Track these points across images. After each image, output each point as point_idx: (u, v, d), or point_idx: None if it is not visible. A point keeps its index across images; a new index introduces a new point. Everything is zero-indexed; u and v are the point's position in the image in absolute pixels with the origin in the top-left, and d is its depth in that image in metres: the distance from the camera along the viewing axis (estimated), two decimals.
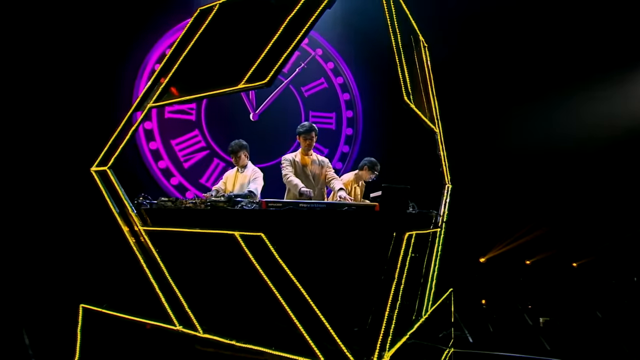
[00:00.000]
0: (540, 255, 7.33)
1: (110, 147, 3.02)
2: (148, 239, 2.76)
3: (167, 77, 2.82)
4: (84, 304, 3.00)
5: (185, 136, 6.75)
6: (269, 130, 7.25)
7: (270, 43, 2.26)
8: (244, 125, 7.12)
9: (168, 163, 6.55)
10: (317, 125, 7.33)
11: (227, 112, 7.08)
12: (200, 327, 2.47)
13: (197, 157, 6.79)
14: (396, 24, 2.50)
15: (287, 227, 2.50)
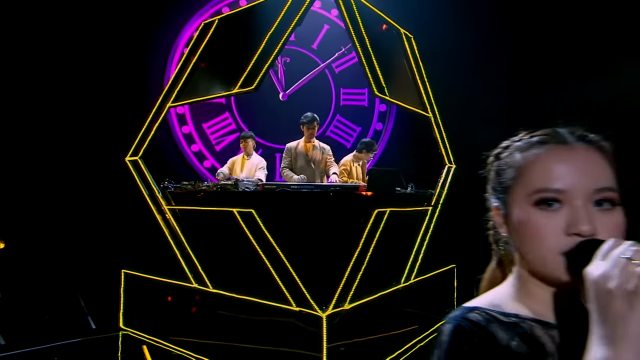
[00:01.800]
0: None
1: (140, 139, 4.13)
2: (171, 216, 3.85)
3: (181, 81, 3.83)
4: (125, 270, 4.23)
5: (216, 119, 7.86)
6: (299, 110, 8.08)
7: (255, 54, 3.15)
8: (273, 106, 7.92)
9: (201, 146, 7.72)
10: (348, 103, 8.23)
11: (256, 94, 8.01)
12: (210, 284, 3.54)
13: (228, 139, 7.86)
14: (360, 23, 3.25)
15: (280, 206, 3.44)
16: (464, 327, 0.67)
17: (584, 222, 0.62)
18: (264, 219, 3.25)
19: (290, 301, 3.01)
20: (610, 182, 0.65)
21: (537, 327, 0.68)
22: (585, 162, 0.65)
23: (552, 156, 0.66)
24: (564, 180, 0.64)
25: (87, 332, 4.29)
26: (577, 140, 0.68)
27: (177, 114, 7.54)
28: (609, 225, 0.63)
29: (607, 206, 0.64)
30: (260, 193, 3.52)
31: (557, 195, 0.64)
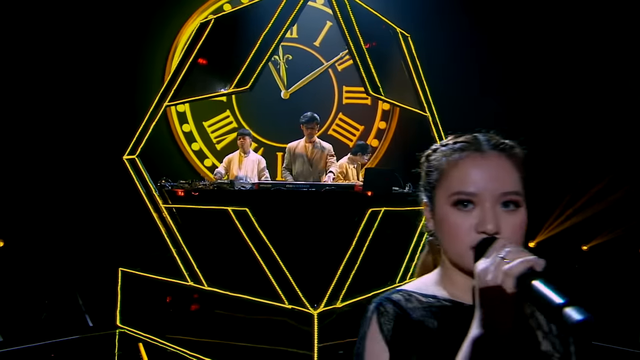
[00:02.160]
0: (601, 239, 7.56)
1: (137, 138, 4.26)
2: (167, 214, 3.97)
3: (178, 80, 3.95)
4: (122, 268, 4.36)
5: (217, 117, 7.98)
6: (301, 109, 8.15)
7: (250, 54, 3.25)
8: (275, 104, 7.96)
9: (201, 145, 7.86)
10: (351, 100, 8.31)
11: (257, 92, 8.07)
12: (205, 282, 3.65)
13: (229, 138, 7.98)
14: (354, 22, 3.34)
15: (275, 205, 3.54)
16: (384, 305, 0.79)
17: (489, 222, 0.73)
18: (259, 217, 3.36)
19: (282, 299, 3.11)
20: (516, 186, 0.76)
21: (451, 307, 0.79)
22: (496, 168, 0.76)
23: (469, 163, 0.78)
24: (476, 185, 0.75)
25: (85, 329, 4.43)
26: (491, 149, 0.79)
27: (178, 112, 7.67)
28: (512, 223, 0.74)
29: (512, 207, 0.76)
30: (255, 192, 3.63)
31: (470, 198, 0.76)
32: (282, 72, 8.30)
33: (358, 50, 3.31)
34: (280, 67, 8.27)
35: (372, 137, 8.54)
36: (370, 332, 0.77)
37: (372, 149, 8.41)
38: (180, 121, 7.81)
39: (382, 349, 0.75)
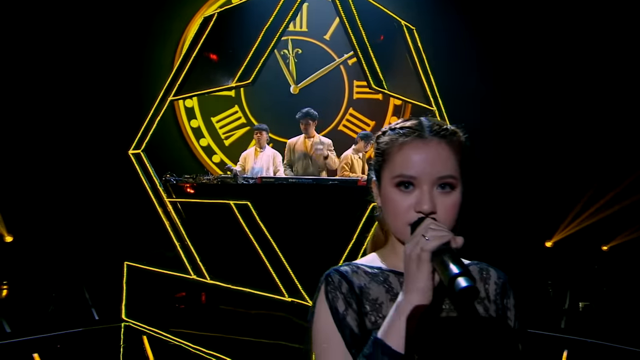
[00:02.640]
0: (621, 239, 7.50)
1: (143, 132, 4.44)
2: (172, 208, 4.14)
3: (182, 74, 4.11)
4: (127, 262, 4.55)
5: (226, 113, 8.13)
6: (310, 104, 8.22)
7: (252, 48, 3.39)
8: (284, 99, 8.01)
9: (209, 141, 8.02)
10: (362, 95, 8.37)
11: (266, 86, 8.08)
12: (208, 276, 3.81)
13: (237, 133, 8.11)
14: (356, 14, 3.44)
15: (277, 199, 3.68)
16: (332, 276, 0.91)
17: (425, 203, 0.84)
18: (262, 211, 3.50)
19: (283, 292, 3.24)
20: (453, 171, 0.87)
21: (393, 276, 0.92)
22: (436, 154, 0.87)
23: (411, 148, 0.88)
24: (416, 169, 0.86)
25: (90, 322, 4.64)
26: (432, 135, 0.89)
27: (186, 107, 7.84)
28: (446, 204, 0.86)
29: (448, 189, 0.87)
30: (258, 186, 3.77)
31: (411, 180, 0.87)
32: (291, 67, 8.36)
33: (360, 43, 3.42)
34: (290, 61, 8.34)
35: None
36: (318, 299, 0.90)
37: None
38: (188, 116, 7.97)
39: (328, 314, 0.87)
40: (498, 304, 0.93)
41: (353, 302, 0.87)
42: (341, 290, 0.89)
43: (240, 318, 3.53)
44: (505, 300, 0.94)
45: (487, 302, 0.93)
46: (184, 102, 7.72)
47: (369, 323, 0.87)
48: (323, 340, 0.87)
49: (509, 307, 0.94)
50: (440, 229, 0.78)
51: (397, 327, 0.77)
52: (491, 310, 0.92)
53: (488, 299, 0.93)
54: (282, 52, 8.24)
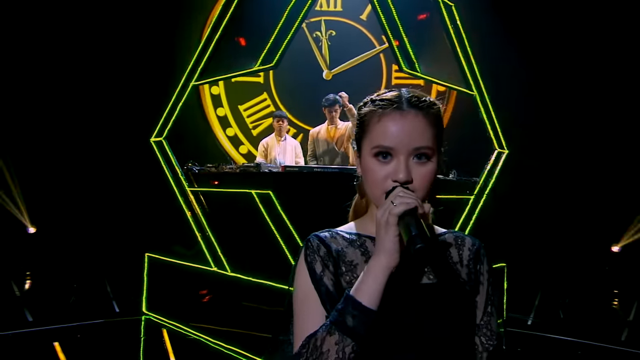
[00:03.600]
0: None
1: (165, 119, 4.69)
2: (193, 198, 4.38)
3: (204, 58, 4.33)
4: (148, 253, 4.83)
5: (254, 100, 8.31)
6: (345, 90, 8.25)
7: (275, 31, 3.55)
8: (316, 85, 7.94)
9: (236, 130, 8.22)
10: (402, 80, 8.32)
11: (297, 72, 8.03)
12: (228, 268, 4.02)
13: (266, 123, 8.27)
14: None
15: (300, 188, 3.83)
16: (311, 240, 1.05)
17: (401, 172, 0.96)
18: (284, 201, 3.66)
19: None
20: (429, 142, 0.99)
21: (369, 242, 1.05)
22: (412, 126, 0.98)
23: (389, 120, 0.99)
24: (393, 140, 0.98)
25: (111, 314, 4.99)
26: (410, 107, 1.00)
27: (212, 94, 8.05)
28: (422, 173, 0.98)
29: (424, 159, 0.98)
30: (281, 175, 3.93)
31: (388, 151, 0.98)
32: (324, 50, 8.32)
33: (390, 21, 3.51)
34: (323, 44, 8.31)
35: None
36: (299, 262, 1.04)
37: None
38: (215, 104, 8.16)
39: (306, 275, 1.01)
40: (470, 268, 1.06)
41: (330, 265, 1.01)
42: (319, 253, 1.03)
43: (261, 312, 3.71)
44: (478, 265, 1.07)
45: (459, 266, 1.06)
46: (210, 89, 7.92)
47: (344, 282, 1.01)
48: (301, 298, 1.01)
49: (482, 272, 1.07)
50: (408, 196, 0.91)
51: (367, 285, 0.90)
52: (463, 274, 1.06)
53: (461, 263, 1.06)
54: (315, 34, 8.24)
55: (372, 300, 0.89)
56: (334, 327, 0.88)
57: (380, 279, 0.89)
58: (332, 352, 0.87)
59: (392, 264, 0.89)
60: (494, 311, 1.07)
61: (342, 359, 0.87)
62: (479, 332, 1.05)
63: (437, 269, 1.03)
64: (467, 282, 1.04)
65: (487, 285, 1.07)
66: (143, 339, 4.39)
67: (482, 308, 1.06)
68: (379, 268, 0.90)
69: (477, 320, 1.05)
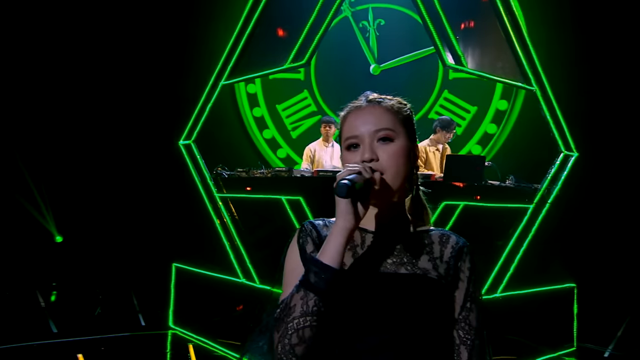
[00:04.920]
0: None
1: (193, 122, 5.02)
2: (222, 204, 4.68)
3: (234, 56, 4.63)
4: (176, 263, 5.17)
5: (293, 99, 8.38)
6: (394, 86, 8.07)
7: (306, 26, 3.79)
8: (362, 81, 7.95)
9: (274, 132, 8.42)
10: (461, 74, 8.06)
11: (341, 66, 8.15)
12: (257, 279, 4.28)
13: (306, 124, 8.43)
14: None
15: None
16: (305, 225, 1.33)
17: (366, 152, 1.23)
18: (315, 207, 3.88)
19: None
20: (387, 124, 1.25)
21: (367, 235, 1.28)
22: (370, 115, 1.27)
23: (352, 116, 1.29)
24: (357, 129, 1.26)
25: (137, 328, 5.36)
26: (367, 103, 1.30)
27: (248, 94, 8.28)
28: (387, 152, 1.23)
29: (387, 141, 1.25)
30: (313, 179, 4.16)
31: (355, 141, 1.26)
32: (372, 42, 8.34)
33: (428, 7, 3.65)
34: (370, 35, 8.29)
35: (489, 121, 8.24)
36: (291, 242, 1.31)
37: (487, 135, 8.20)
38: (251, 104, 8.36)
39: (297, 254, 1.27)
40: (450, 265, 1.26)
41: (316, 247, 1.26)
42: (312, 236, 1.30)
43: None
44: (459, 263, 1.27)
45: (438, 261, 1.26)
46: (246, 88, 8.17)
47: None
48: (289, 273, 1.27)
49: (463, 269, 1.27)
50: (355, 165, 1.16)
51: (327, 246, 1.14)
52: (441, 268, 1.25)
53: (441, 259, 1.27)
54: (361, 23, 8.22)
55: (331, 258, 1.12)
56: (300, 285, 1.12)
57: (338, 240, 1.13)
58: (298, 306, 1.09)
59: (347, 225, 1.13)
60: (474, 308, 1.25)
61: (306, 311, 1.09)
62: (457, 325, 1.24)
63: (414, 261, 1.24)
64: (443, 277, 1.24)
65: (467, 282, 1.26)
66: (169, 355, 4.71)
67: (461, 303, 1.24)
68: (337, 230, 1.13)
69: (456, 315, 1.24)
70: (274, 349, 1.14)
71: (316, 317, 1.09)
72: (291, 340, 1.09)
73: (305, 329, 1.09)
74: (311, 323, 1.09)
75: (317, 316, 1.09)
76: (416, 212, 1.36)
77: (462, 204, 3.96)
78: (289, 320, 1.10)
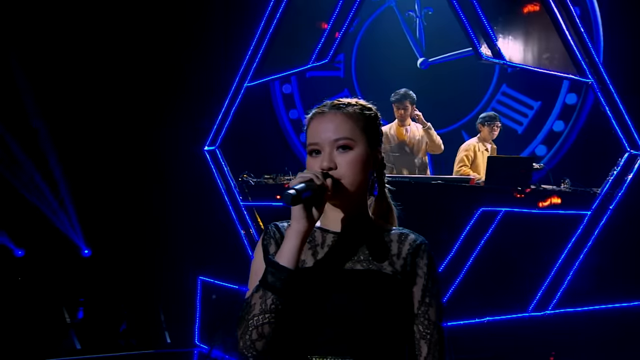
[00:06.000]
0: None
1: (218, 126, 5.25)
2: (247, 213, 4.87)
3: (258, 54, 4.83)
4: (201, 277, 5.40)
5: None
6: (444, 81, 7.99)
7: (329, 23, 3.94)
8: (408, 76, 7.77)
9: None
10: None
11: (385, 61, 8.16)
12: None
13: None
14: None
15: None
16: (270, 227, 1.50)
17: (324, 161, 1.39)
18: None
19: None
20: (346, 133, 1.42)
21: (318, 232, 1.46)
22: (331, 123, 1.43)
23: (314, 122, 1.46)
24: (318, 137, 1.42)
25: (162, 345, 5.62)
26: (329, 109, 1.45)
27: (283, 94, 8.46)
28: (346, 160, 1.40)
29: (347, 149, 1.41)
30: None
31: (316, 147, 1.42)
32: (419, 33, 8.16)
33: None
34: (417, 25, 8.20)
35: (555, 118, 8.08)
36: (257, 245, 1.48)
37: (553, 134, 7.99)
38: (287, 105, 8.54)
39: (261, 255, 1.43)
40: (407, 261, 1.42)
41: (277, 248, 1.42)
42: (275, 237, 1.46)
43: None
44: (417, 259, 1.43)
45: (395, 258, 1.43)
46: (281, 88, 8.37)
47: None
48: (254, 274, 1.42)
49: (420, 265, 1.43)
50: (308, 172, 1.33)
51: (284, 248, 1.32)
52: (397, 265, 1.42)
53: (398, 256, 1.43)
54: (407, 13, 8.17)
55: (287, 259, 1.29)
56: (259, 285, 1.30)
57: (293, 242, 1.31)
58: (257, 305, 1.28)
59: (300, 228, 1.31)
60: (433, 303, 1.42)
61: (264, 309, 1.27)
62: (417, 320, 1.41)
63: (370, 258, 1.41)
64: (399, 272, 1.40)
65: (425, 279, 1.42)
66: None
67: (419, 298, 1.41)
68: (291, 233, 1.32)
69: (415, 310, 1.41)
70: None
71: (274, 315, 1.27)
72: (251, 336, 1.28)
73: (265, 325, 1.27)
74: (270, 320, 1.27)
75: (275, 313, 1.27)
76: (381, 213, 1.55)
77: (504, 210, 3.99)
78: (249, 317, 1.28)
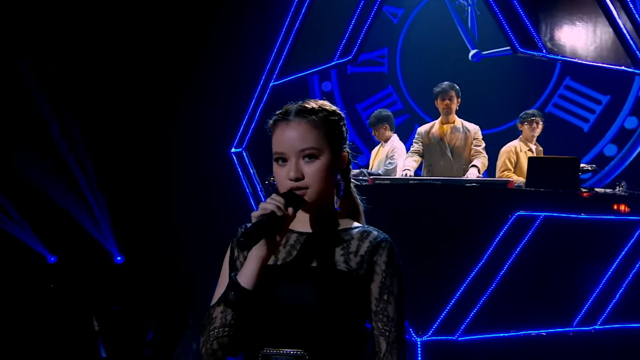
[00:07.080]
0: None
1: (245, 127, 5.50)
2: None
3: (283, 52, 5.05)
4: None
5: (376, 97, 8.54)
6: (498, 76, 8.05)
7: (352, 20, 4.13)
8: (458, 70, 7.86)
9: (354, 137, 8.66)
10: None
11: (433, 54, 8.22)
12: None
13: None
14: None
15: (390, 205, 4.30)
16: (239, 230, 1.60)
17: (291, 171, 1.50)
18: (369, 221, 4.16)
19: None
20: (313, 143, 1.52)
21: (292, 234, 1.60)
22: (297, 132, 1.53)
23: (279, 129, 1.56)
24: (284, 146, 1.53)
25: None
26: (294, 116, 1.55)
27: (323, 92, 8.52)
28: (312, 170, 1.51)
29: (313, 159, 1.52)
30: (368, 188, 4.44)
31: (282, 156, 1.53)
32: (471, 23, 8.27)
33: None
34: (469, 15, 8.26)
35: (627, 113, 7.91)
36: (228, 249, 1.63)
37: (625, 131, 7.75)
38: None
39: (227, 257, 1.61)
40: (365, 258, 1.54)
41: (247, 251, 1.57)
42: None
43: None
44: (375, 257, 1.54)
45: (352, 255, 1.55)
46: (320, 86, 8.50)
47: None
48: (221, 276, 1.62)
49: (378, 262, 1.54)
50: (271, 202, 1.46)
51: (245, 270, 1.47)
52: (352, 262, 1.54)
53: (355, 253, 1.56)
54: (458, 2, 8.22)
55: (247, 281, 1.46)
56: (221, 300, 1.48)
57: (254, 265, 1.46)
58: (218, 318, 1.46)
59: (261, 254, 1.46)
60: (392, 300, 1.54)
61: (224, 323, 1.45)
62: (376, 317, 1.54)
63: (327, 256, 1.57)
64: (354, 269, 1.53)
65: (382, 276, 1.54)
66: None
67: (377, 295, 1.54)
68: (252, 257, 1.47)
69: (373, 307, 1.54)
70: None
71: (233, 328, 1.46)
72: (212, 346, 1.48)
73: (224, 337, 1.46)
74: (229, 333, 1.46)
75: (234, 327, 1.46)
76: (348, 210, 1.70)
77: (543, 215, 4.07)
78: (211, 328, 1.48)
